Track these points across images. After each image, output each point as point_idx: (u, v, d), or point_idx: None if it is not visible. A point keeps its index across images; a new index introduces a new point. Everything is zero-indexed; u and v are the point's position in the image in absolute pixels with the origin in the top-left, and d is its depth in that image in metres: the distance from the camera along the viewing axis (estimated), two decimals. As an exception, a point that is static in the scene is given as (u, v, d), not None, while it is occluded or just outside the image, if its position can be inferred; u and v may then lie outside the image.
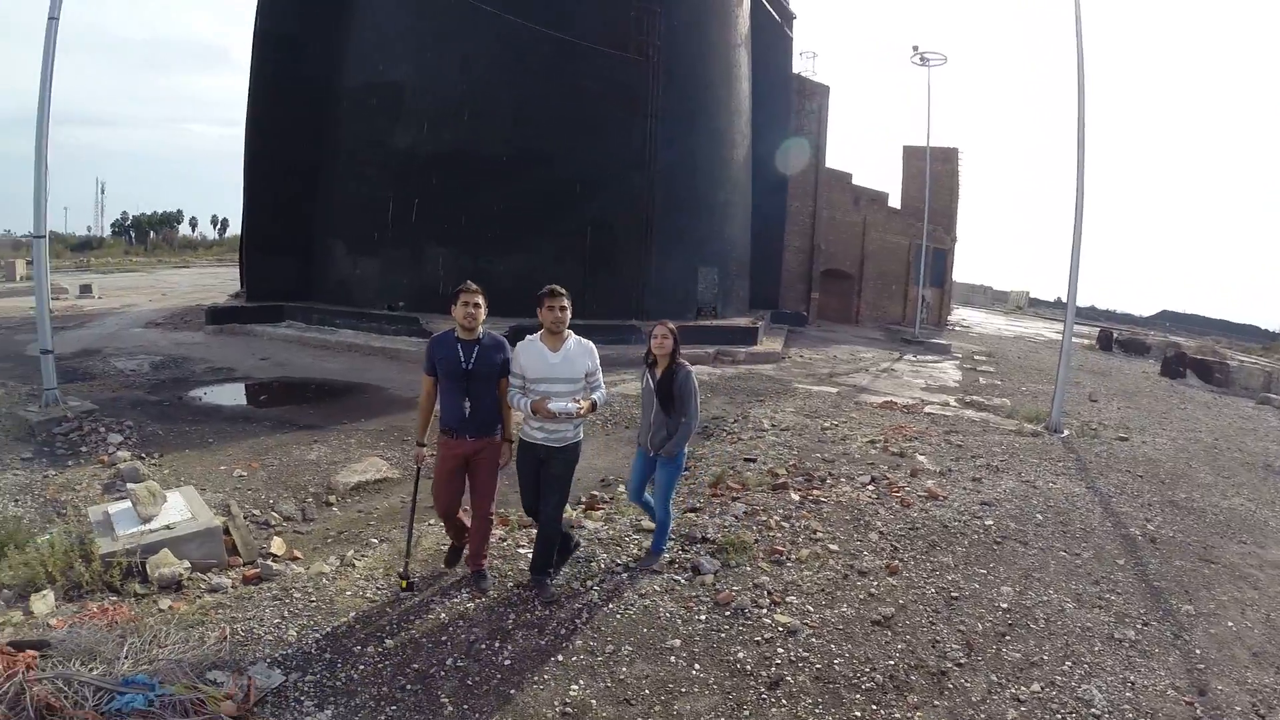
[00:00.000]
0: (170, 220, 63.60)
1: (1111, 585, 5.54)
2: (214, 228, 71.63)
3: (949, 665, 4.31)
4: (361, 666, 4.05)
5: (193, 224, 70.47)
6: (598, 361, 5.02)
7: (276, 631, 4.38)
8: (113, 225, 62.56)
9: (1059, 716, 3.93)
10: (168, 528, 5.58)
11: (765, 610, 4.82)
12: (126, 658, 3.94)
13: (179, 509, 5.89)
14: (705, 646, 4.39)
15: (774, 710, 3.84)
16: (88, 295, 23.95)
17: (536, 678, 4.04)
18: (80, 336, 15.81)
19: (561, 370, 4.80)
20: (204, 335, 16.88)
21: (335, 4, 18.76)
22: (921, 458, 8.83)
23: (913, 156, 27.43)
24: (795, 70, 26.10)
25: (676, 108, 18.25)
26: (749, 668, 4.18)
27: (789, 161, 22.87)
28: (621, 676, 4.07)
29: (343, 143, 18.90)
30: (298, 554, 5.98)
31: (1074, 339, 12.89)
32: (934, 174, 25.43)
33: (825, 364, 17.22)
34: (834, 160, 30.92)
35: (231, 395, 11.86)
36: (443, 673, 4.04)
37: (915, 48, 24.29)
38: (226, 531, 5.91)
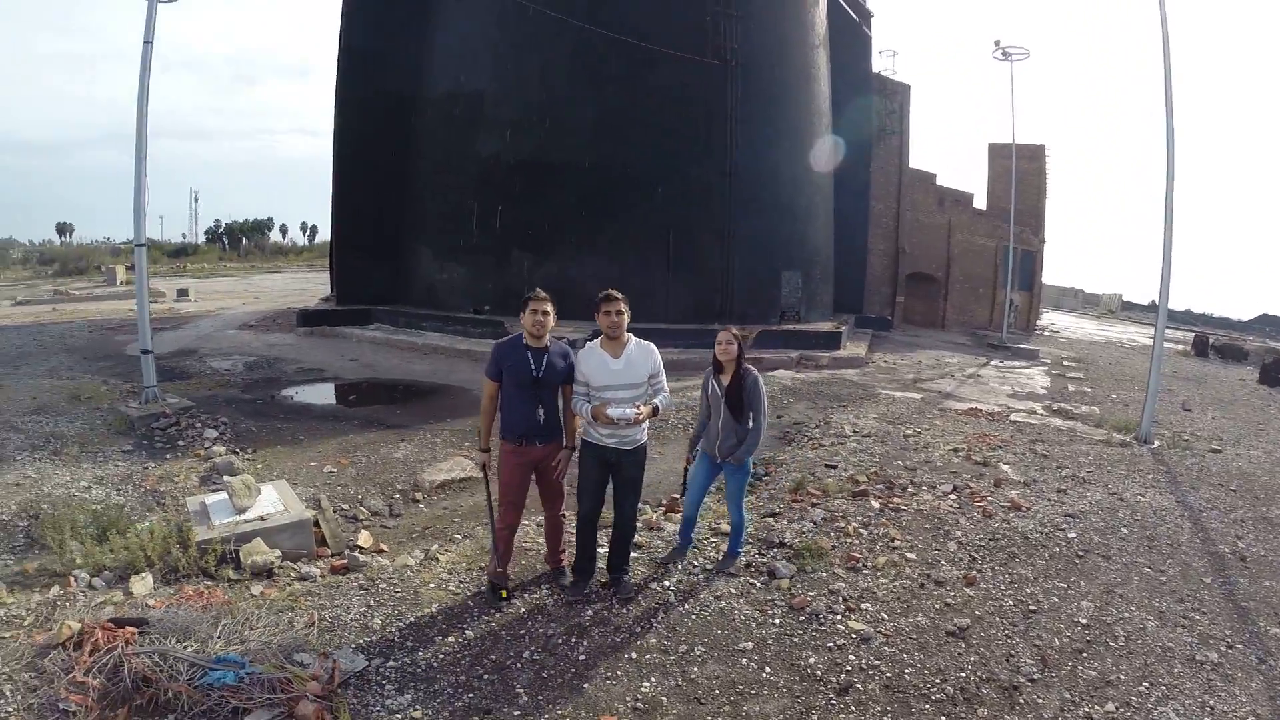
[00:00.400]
0: (262, 227, 66.09)
1: (1196, 604, 5.29)
2: (304, 234, 74.60)
3: (1022, 680, 4.20)
4: (441, 655, 4.23)
5: (283, 230, 73.51)
6: (660, 364, 5.01)
7: (362, 619, 4.61)
8: (207, 232, 65.62)
9: (1134, 739, 3.77)
10: (261, 518, 5.91)
11: (839, 617, 4.79)
12: (219, 637, 4.21)
13: (272, 501, 6.22)
14: (777, 650, 4.40)
15: (842, 716, 3.83)
16: (184, 299, 25.34)
17: (610, 673, 4.13)
18: (177, 338, 16.75)
19: (624, 375, 4.83)
20: (295, 337, 17.67)
21: (416, 18, 19.44)
22: (1005, 467, 8.56)
23: (998, 155, 26.58)
24: (875, 69, 25.66)
25: (755, 111, 18.19)
26: (819, 673, 4.18)
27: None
28: (693, 676, 4.12)
29: (427, 151, 19.53)
30: (384, 547, 6.24)
31: (1166, 344, 12.31)
32: (1020, 172, 24.58)
33: (909, 369, 16.86)
34: (917, 160, 30.41)
35: (321, 395, 12.39)
36: (519, 664, 4.18)
37: (997, 42, 23.42)
38: (316, 524, 6.21)
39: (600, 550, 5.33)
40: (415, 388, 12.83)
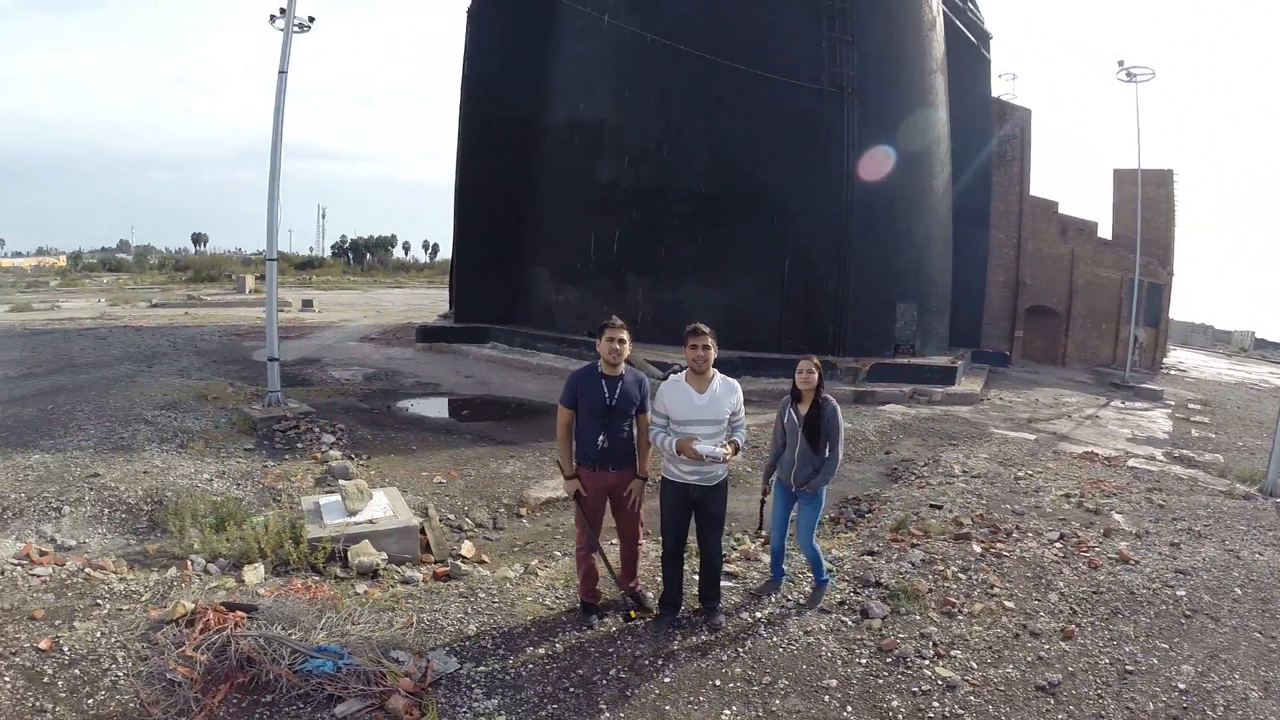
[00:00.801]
0: (385, 244, 69.09)
1: None
2: (425, 251, 77.90)
3: None
4: (531, 666, 4.47)
5: (405, 248, 76.80)
6: (741, 402, 4.98)
7: (458, 625, 4.92)
8: (332, 247, 69.16)
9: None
10: (370, 522, 6.36)
11: (927, 661, 4.76)
12: (321, 629, 4.60)
13: (382, 507, 6.66)
14: (861, 690, 4.43)
15: (920, 762, 3.81)
16: (309, 309, 27.03)
17: (691, 698, 4.26)
18: (301, 346, 17.92)
19: (708, 411, 4.80)
20: (413, 351, 18.63)
21: (536, 47, 20.26)
22: (1118, 516, 8.21)
23: (1124, 181, 25.23)
24: (994, 93, 24.90)
25: (872, 137, 18.03)
26: (900, 717, 4.18)
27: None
28: (774, 708, 4.20)
29: (546, 176, 20.26)
30: (485, 558, 6.58)
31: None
32: (1147, 199, 23.20)
33: (1025, 408, 16.26)
34: (1038, 188, 28.93)
35: (436, 408, 13.02)
36: (605, 681, 4.37)
37: (1120, 63, 22.11)
38: (422, 531, 6.62)
39: (691, 578, 5.42)
40: (527, 406, 13.21)
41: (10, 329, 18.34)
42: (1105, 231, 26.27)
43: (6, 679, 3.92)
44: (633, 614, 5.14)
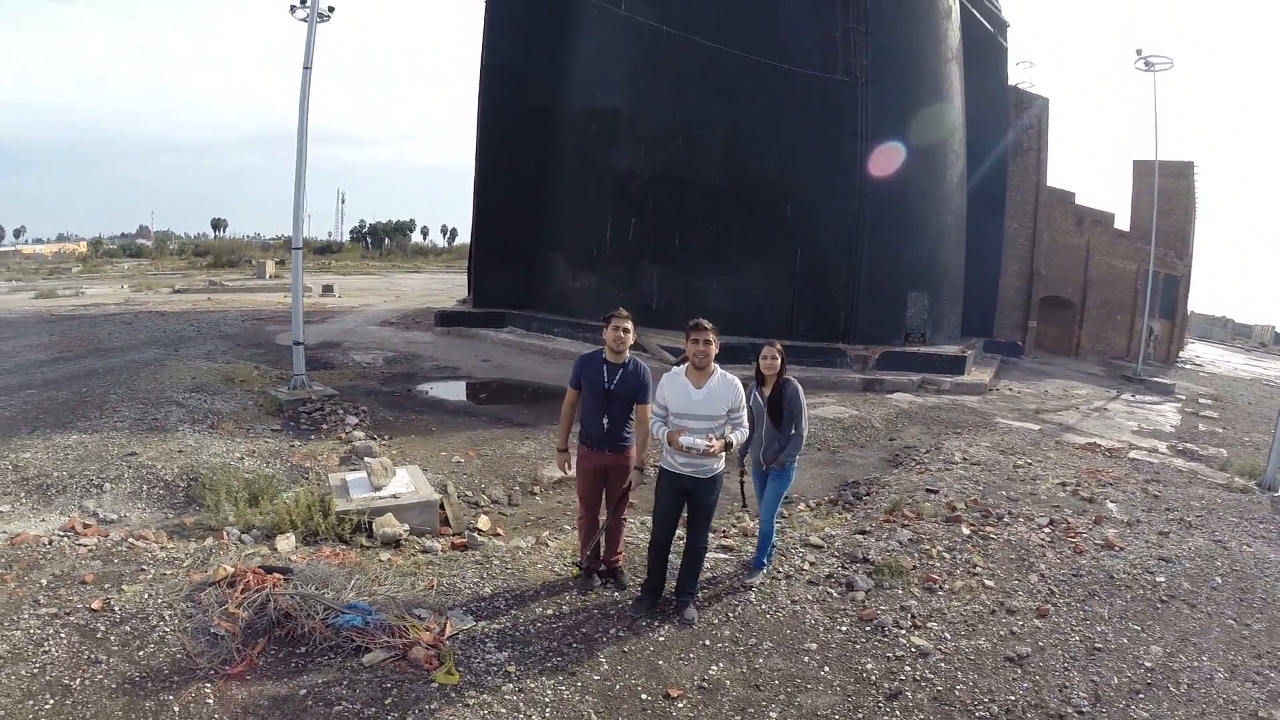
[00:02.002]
0: (403, 228, 68.26)
1: (1275, 662, 5.14)
2: (444, 236, 77.65)
3: (1069, 711, 4.35)
4: (539, 624, 4.94)
5: (424, 232, 76.23)
6: (742, 399, 5.05)
7: (474, 588, 5.39)
8: (351, 231, 68.34)
9: (1165, 782, 3.81)
10: (394, 496, 6.80)
11: (904, 631, 5.12)
12: (351, 589, 5.09)
13: (404, 483, 7.10)
14: (839, 654, 4.82)
15: (886, 718, 4.20)
16: (329, 294, 27.36)
17: (683, 654, 4.71)
18: (322, 330, 18.32)
19: (703, 407, 4.90)
20: (433, 335, 19.04)
21: (555, 36, 20.52)
22: (1112, 505, 8.40)
23: (1143, 172, 24.97)
24: (1011, 82, 24.70)
25: (887, 127, 18.16)
26: (874, 678, 4.56)
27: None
28: (757, 666, 4.63)
29: (564, 164, 20.59)
30: (500, 532, 7.02)
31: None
32: (1165, 191, 23.07)
33: (1034, 399, 16.44)
34: (1055, 178, 28.73)
35: (454, 391, 13.44)
36: (605, 638, 4.83)
37: (1139, 52, 22.00)
38: (442, 506, 7.06)
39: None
40: (543, 390, 13.53)
41: (38, 315, 18.84)
42: (1123, 223, 26.07)
43: (63, 635, 4.37)
44: (611, 576, 5.56)
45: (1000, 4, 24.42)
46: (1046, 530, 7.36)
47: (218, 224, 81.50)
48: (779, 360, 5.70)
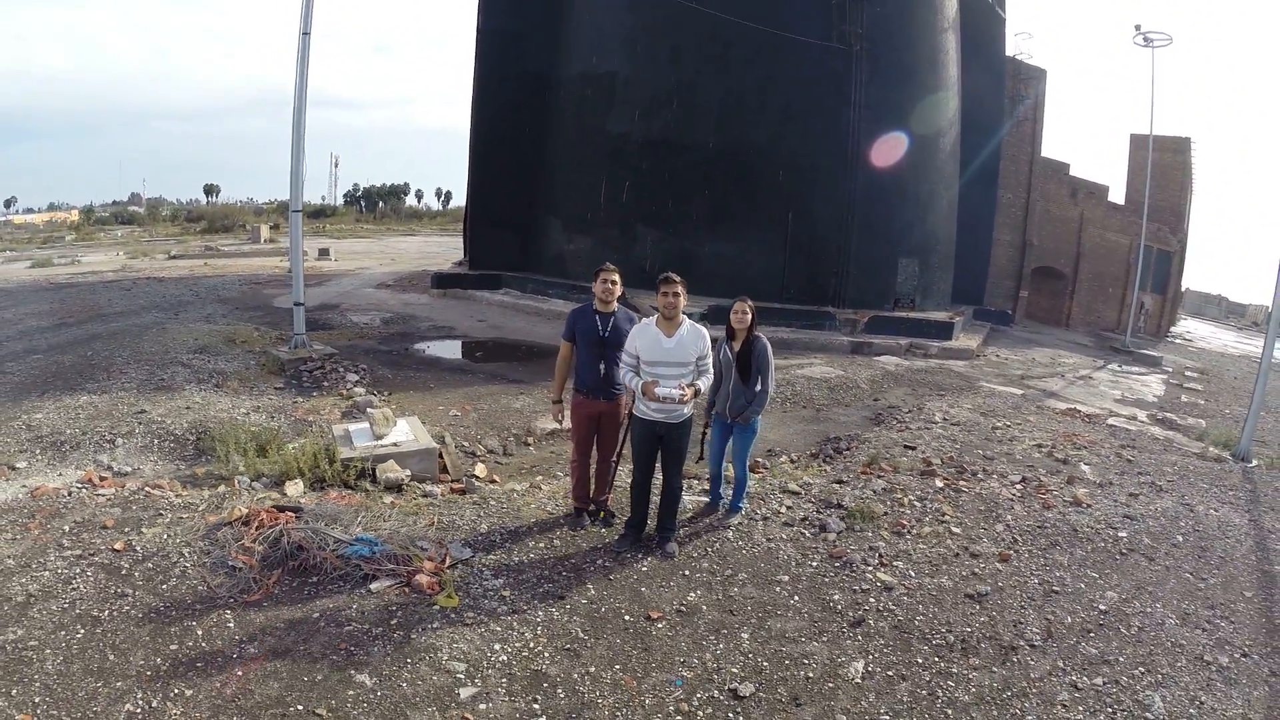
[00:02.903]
0: (398, 191, 68.20)
1: (1227, 613, 5.30)
2: (438, 199, 77.44)
3: (1021, 643, 4.65)
4: (531, 556, 5.34)
5: (418, 195, 76.01)
6: (709, 347, 5.38)
7: (472, 525, 5.78)
8: (345, 195, 68.30)
9: (1110, 711, 4.09)
10: (395, 444, 7.13)
11: (871, 568, 5.49)
12: (358, 525, 5.48)
13: (405, 432, 7.43)
14: (809, 586, 5.20)
15: (848, 643, 4.58)
16: (326, 258, 27.44)
17: (664, 583, 5.10)
18: (320, 293, 18.51)
19: (674, 355, 5.20)
20: (429, 297, 19.27)
21: (552, 2, 20.52)
22: (1085, 467, 8.64)
23: (1140, 146, 25.12)
24: (1009, 53, 24.66)
25: (881, 96, 18.30)
26: (840, 608, 4.94)
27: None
28: (732, 594, 5.02)
29: (560, 128, 20.67)
30: (496, 478, 7.37)
31: (1281, 357, 11.70)
32: (1161, 166, 23.28)
33: (1020, 366, 16.73)
34: (1051, 149, 28.75)
35: (451, 350, 13.72)
36: (592, 568, 5.23)
37: (1137, 27, 22.29)
38: (440, 455, 7.39)
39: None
40: (537, 348, 13.82)
41: (36, 284, 18.90)
42: (1118, 196, 26.23)
43: (89, 573, 4.69)
44: (600, 514, 5.94)
45: (999, -27, 24.33)
46: (1018, 487, 7.62)
47: (210, 189, 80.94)
48: (749, 315, 5.94)
